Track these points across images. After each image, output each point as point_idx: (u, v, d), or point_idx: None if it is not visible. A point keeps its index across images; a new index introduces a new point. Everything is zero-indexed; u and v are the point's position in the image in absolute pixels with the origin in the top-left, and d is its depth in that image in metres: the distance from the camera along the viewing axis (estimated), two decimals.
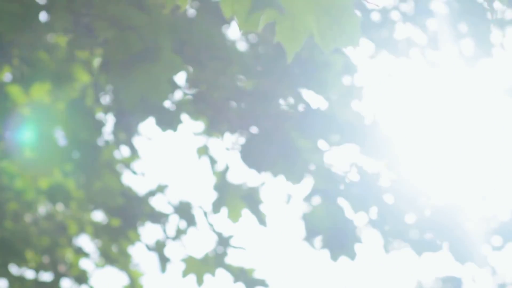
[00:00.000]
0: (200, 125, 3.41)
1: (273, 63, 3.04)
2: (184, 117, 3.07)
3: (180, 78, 3.03)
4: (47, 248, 3.92)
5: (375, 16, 4.18)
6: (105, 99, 3.21)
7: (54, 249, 3.91)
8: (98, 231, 3.94)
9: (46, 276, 3.93)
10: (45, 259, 3.83)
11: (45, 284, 3.83)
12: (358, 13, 1.36)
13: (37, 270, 3.86)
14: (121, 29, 2.47)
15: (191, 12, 3.11)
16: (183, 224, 3.92)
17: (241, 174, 3.22)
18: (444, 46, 4.16)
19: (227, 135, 3.10)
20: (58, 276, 3.91)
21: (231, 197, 3.24)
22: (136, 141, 3.99)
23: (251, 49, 3.34)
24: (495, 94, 4.31)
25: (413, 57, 4.20)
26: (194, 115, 3.10)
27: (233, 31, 3.44)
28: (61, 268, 3.91)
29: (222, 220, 3.67)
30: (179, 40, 2.99)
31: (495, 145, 3.65)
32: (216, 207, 3.27)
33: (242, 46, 3.20)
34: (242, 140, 3.04)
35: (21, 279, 3.73)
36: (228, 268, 3.88)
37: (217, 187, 3.26)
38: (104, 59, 2.41)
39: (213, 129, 3.10)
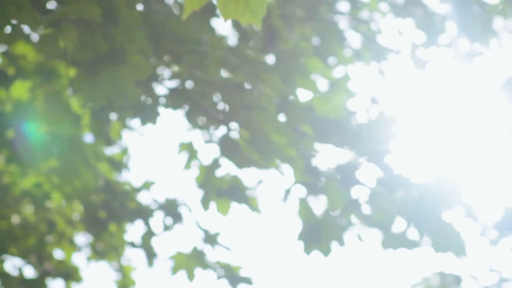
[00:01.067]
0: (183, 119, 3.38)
1: (250, 55, 3.00)
2: (162, 110, 3.04)
3: (157, 70, 3.01)
4: (35, 246, 3.91)
5: (364, 13, 4.15)
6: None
7: (42, 246, 3.90)
8: (85, 227, 3.92)
9: (32, 273, 3.92)
10: (32, 258, 3.82)
11: (31, 282, 3.82)
12: None
13: (23, 267, 3.86)
14: (88, 29, 2.45)
15: (167, 5, 3.09)
16: (169, 220, 3.90)
17: (224, 166, 3.18)
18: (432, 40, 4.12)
19: (205, 128, 3.07)
20: (44, 273, 3.89)
21: (217, 190, 3.21)
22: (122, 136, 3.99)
23: (228, 42, 3.31)
24: (486, 88, 4.27)
25: (400, 51, 4.17)
26: (172, 108, 3.06)
27: (209, 24, 3.41)
28: (48, 265, 3.89)
29: (207, 216, 3.65)
30: (154, 33, 2.96)
31: (484, 136, 3.61)
32: (204, 203, 3.24)
33: (219, 38, 3.16)
34: (220, 133, 3.01)
35: (5, 276, 3.72)
36: (213, 265, 3.86)
37: (202, 182, 3.23)
38: (72, 59, 2.38)
39: (190, 122, 3.06)
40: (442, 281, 7.21)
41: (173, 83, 3.02)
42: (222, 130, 3.03)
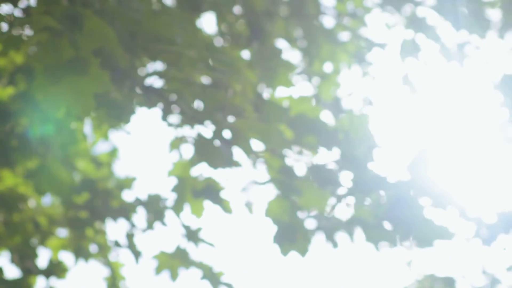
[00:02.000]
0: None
1: (228, 54, 2.96)
2: (136, 108, 3.01)
3: (132, 68, 2.97)
4: (19, 245, 3.89)
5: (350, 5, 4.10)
6: None
7: (26, 245, 3.88)
8: (68, 224, 3.90)
9: (16, 273, 3.91)
10: (15, 257, 3.81)
11: (14, 281, 3.80)
12: None
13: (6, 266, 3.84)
14: (55, 33, 2.42)
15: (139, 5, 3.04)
16: (151, 218, 3.87)
17: (198, 167, 3.14)
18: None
19: (179, 127, 3.03)
20: (27, 271, 3.87)
21: (192, 191, 3.17)
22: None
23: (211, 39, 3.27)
24: (476, 84, 4.21)
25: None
26: (147, 107, 3.02)
27: (193, 22, 3.37)
28: (29, 263, 3.87)
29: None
30: (129, 31, 2.92)
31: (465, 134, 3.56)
32: (178, 205, 3.21)
33: (196, 37, 3.12)
34: (195, 133, 2.97)
35: None
36: (198, 265, 3.84)
37: (176, 183, 3.20)
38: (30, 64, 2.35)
39: (165, 121, 3.02)
40: (434, 283, 7.17)
41: (148, 82, 2.98)
42: (197, 129, 2.99)
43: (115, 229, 4.06)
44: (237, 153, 2.92)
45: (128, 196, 3.95)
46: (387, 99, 4.18)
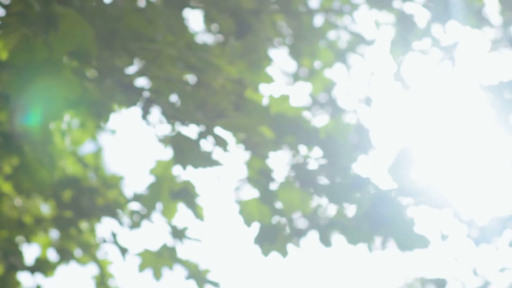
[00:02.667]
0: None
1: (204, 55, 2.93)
2: (116, 107, 2.98)
3: (112, 66, 2.94)
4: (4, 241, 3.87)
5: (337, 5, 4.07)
6: None
7: (11, 243, 3.86)
8: (54, 223, 3.89)
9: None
10: None
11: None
12: None
13: None
14: (31, 32, 2.39)
15: (122, 1, 3.02)
16: (137, 216, 3.85)
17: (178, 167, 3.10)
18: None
19: (159, 126, 3.00)
20: (12, 268, 3.85)
21: (166, 192, 3.15)
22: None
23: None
24: (463, 86, 4.19)
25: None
26: (126, 106, 3.00)
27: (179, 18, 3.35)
28: (14, 260, 3.85)
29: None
30: (109, 28, 2.90)
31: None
32: (150, 204, 3.18)
33: (178, 34, 3.10)
34: (174, 132, 2.95)
35: None
36: (183, 262, 3.81)
37: (152, 181, 3.17)
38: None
39: (145, 120, 3.00)
40: (425, 285, 7.15)
41: (128, 80, 2.95)
42: (177, 128, 2.97)
43: (101, 227, 4.04)
44: (218, 152, 2.90)
45: (114, 194, 3.93)
46: (375, 97, 4.15)
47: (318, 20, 4.01)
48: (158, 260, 3.81)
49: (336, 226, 2.95)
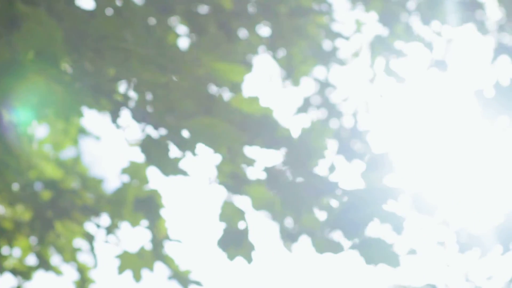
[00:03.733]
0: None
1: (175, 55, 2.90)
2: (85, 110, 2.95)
3: (78, 68, 2.91)
4: None
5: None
6: None
7: None
8: (31, 226, 3.86)
9: None
10: None
11: None
12: None
13: None
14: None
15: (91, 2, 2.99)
16: (116, 218, 3.82)
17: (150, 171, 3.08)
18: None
19: (128, 129, 2.97)
20: None
21: (134, 199, 3.12)
22: None
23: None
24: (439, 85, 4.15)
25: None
26: (96, 109, 2.97)
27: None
28: None
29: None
30: (77, 31, 2.87)
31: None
32: (115, 212, 3.15)
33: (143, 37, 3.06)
34: (143, 135, 2.92)
35: None
36: (166, 260, 3.78)
37: (116, 188, 3.14)
38: None
39: (115, 123, 2.97)
40: None
41: (98, 83, 2.92)
42: (148, 131, 2.94)
43: (80, 229, 4.01)
44: (187, 157, 2.87)
45: (93, 196, 3.91)
46: (356, 99, 4.12)
47: (299, 21, 3.97)
48: (138, 261, 3.78)
49: (304, 233, 2.91)
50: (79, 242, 4.05)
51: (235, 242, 2.88)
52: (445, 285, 6.33)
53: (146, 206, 3.13)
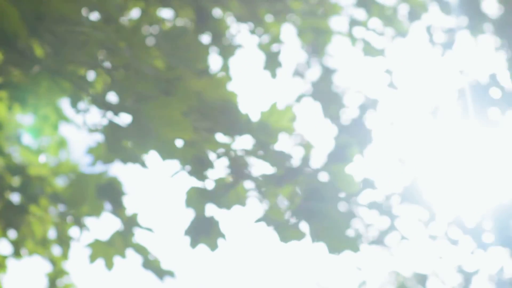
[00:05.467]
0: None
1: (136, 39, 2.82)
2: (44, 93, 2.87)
3: (38, 52, 2.84)
4: None
5: None
6: None
7: None
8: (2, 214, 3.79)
9: None
10: None
11: None
12: None
13: None
14: None
15: None
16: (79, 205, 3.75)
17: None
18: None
19: (89, 115, 2.90)
20: None
21: (91, 189, 3.04)
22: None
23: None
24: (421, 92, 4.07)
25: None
26: (54, 92, 2.89)
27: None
28: None
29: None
30: (34, 13, 2.79)
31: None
32: (72, 202, 3.08)
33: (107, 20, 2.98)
34: (104, 122, 2.84)
35: None
36: (137, 247, 3.72)
37: (73, 178, 3.06)
38: None
39: (74, 108, 2.89)
40: (406, 280, 7.06)
41: (56, 66, 2.84)
42: (108, 116, 2.86)
43: (50, 217, 3.94)
44: (147, 143, 2.79)
45: (61, 182, 3.84)
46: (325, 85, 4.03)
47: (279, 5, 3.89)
48: (109, 249, 3.72)
49: (268, 221, 2.84)
50: (51, 232, 3.99)
51: (203, 230, 2.81)
52: (436, 274, 6.30)
53: (108, 194, 3.06)
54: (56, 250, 4.12)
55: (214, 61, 3.68)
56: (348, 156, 2.78)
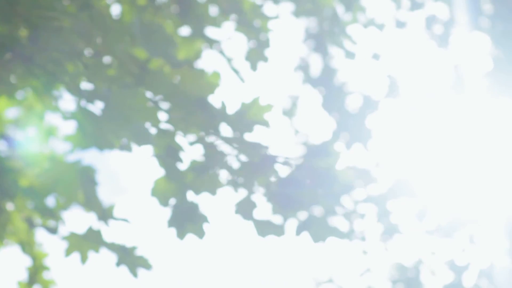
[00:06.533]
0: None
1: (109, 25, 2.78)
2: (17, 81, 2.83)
3: (11, 38, 2.79)
4: None
5: None
6: None
7: None
8: None
9: None
10: None
11: None
12: None
13: None
14: None
15: None
16: (62, 198, 3.70)
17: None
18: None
19: (62, 101, 2.86)
20: None
21: (66, 176, 3.00)
22: None
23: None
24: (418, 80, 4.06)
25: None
26: (28, 79, 2.85)
27: None
28: None
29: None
30: None
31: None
32: (44, 190, 3.03)
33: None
34: (77, 108, 2.80)
35: None
36: (110, 246, 3.67)
37: (47, 167, 3.02)
38: None
39: (47, 95, 2.85)
40: (397, 273, 7.07)
41: (29, 53, 2.81)
42: (82, 104, 2.82)
43: (27, 210, 3.89)
44: (121, 132, 2.76)
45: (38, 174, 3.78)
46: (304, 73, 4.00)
47: None
48: (85, 243, 3.68)
49: (245, 213, 2.81)
50: (28, 225, 3.94)
51: (186, 218, 2.78)
52: (428, 268, 6.31)
53: (82, 183, 3.02)
54: (35, 244, 4.07)
55: (196, 53, 3.65)
56: (332, 149, 2.74)
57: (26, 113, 4.05)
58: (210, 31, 3.90)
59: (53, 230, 3.87)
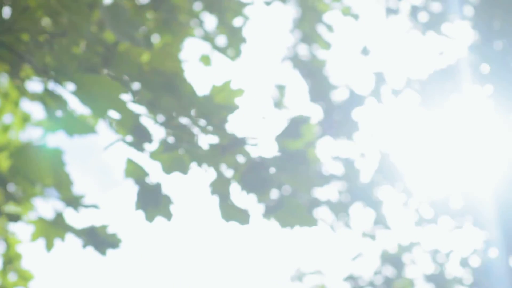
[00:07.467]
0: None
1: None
2: None
3: None
4: None
5: None
6: None
7: None
8: None
9: None
10: None
11: None
12: None
13: None
14: None
15: None
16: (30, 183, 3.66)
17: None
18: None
19: (31, 84, 2.83)
20: None
21: (34, 160, 2.97)
22: None
23: None
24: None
25: None
26: None
27: None
28: None
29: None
30: None
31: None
32: (12, 173, 3.00)
33: None
34: (44, 90, 2.77)
35: None
36: (76, 231, 3.64)
37: (15, 151, 3.00)
38: None
39: (15, 78, 2.82)
40: (383, 266, 7.09)
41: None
42: (49, 86, 2.79)
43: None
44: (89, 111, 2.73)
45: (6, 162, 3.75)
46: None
47: None
48: (52, 229, 3.64)
49: (214, 193, 2.79)
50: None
51: (151, 202, 2.76)
52: (412, 261, 6.34)
53: (51, 165, 2.99)
54: (8, 231, 4.04)
55: (166, 37, 3.63)
56: (303, 131, 2.74)
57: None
58: (184, 18, 3.89)
59: (15, 218, 3.83)
